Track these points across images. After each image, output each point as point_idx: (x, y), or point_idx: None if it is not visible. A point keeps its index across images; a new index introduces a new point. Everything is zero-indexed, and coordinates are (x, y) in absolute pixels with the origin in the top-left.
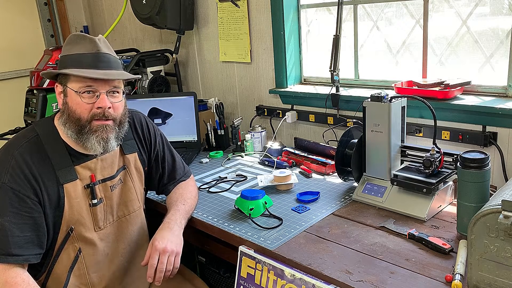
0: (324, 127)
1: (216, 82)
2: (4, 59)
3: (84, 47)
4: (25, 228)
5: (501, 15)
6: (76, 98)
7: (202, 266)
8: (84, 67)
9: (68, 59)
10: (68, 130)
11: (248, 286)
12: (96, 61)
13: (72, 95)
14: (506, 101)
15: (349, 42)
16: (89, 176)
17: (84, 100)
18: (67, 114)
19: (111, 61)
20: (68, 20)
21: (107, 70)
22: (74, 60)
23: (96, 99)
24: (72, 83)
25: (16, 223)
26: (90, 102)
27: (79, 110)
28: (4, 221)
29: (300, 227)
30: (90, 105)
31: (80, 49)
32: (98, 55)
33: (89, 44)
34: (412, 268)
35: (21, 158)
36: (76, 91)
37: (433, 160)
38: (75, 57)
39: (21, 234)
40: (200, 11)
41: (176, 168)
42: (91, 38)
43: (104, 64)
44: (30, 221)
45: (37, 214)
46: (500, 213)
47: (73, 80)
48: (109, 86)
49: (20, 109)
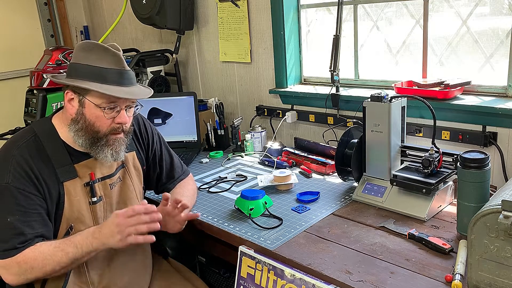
0: (324, 127)
1: (216, 82)
2: (4, 59)
3: (106, 61)
4: (34, 225)
5: (501, 15)
6: (96, 111)
7: (202, 266)
8: (108, 82)
9: (87, 69)
10: (80, 139)
11: (248, 286)
12: (120, 78)
13: (91, 108)
14: (506, 101)
15: (349, 42)
16: (88, 174)
17: (106, 116)
18: (83, 125)
19: (132, 78)
20: (68, 20)
21: (130, 88)
22: (97, 74)
23: (116, 114)
24: (93, 97)
25: (25, 221)
26: (111, 117)
27: (98, 123)
28: (13, 219)
29: (300, 227)
30: (110, 120)
31: (101, 61)
32: (123, 73)
33: (112, 57)
34: (412, 268)
35: (21, 158)
36: (97, 105)
37: (432, 160)
38: (98, 70)
39: (32, 231)
40: (200, 11)
41: (174, 167)
42: (114, 53)
43: (127, 82)
44: (39, 218)
45: (43, 210)
46: (500, 213)
47: (96, 95)
48: (128, 101)
49: (20, 109)
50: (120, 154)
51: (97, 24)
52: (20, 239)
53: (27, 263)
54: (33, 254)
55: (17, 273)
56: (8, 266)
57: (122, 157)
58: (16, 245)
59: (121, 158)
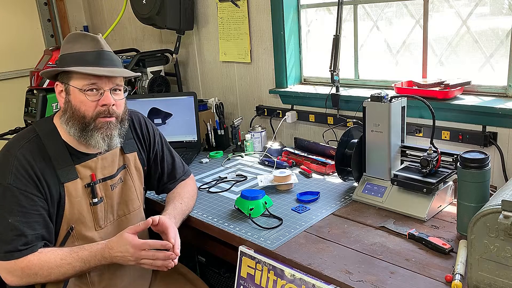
0: (324, 127)
1: (216, 82)
2: (4, 59)
3: (86, 45)
4: (35, 226)
5: (501, 15)
6: (80, 95)
7: (202, 266)
8: (87, 64)
9: (70, 57)
10: (71, 128)
11: (248, 286)
12: (99, 59)
13: (75, 93)
14: (506, 101)
15: (349, 42)
16: (89, 175)
17: (88, 98)
18: (70, 112)
19: (114, 59)
20: (68, 20)
21: (110, 68)
22: (77, 58)
23: (100, 97)
24: (75, 81)
25: (27, 222)
26: (95, 100)
27: (83, 107)
28: (14, 221)
29: (300, 227)
30: (95, 102)
31: (81, 47)
32: (101, 53)
33: (91, 42)
34: (412, 268)
35: (23, 158)
36: (80, 88)
37: (430, 159)
38: (78, 55)
39: (33, 232)
40: (200, 11)
41: (176, 167)
42: (93, 36)
43: (107, 62)
44: (40, 219)
45: (44, 212)
46: (500, 213)
47: (77, 78)
48: (112, 83)
49: (20, 109)
50: (113, 140)
51: (97, 24)
52: (22, 241)
53: (31, 270)
54: (39, 262)
55: (20, 276)
56: (11, 269)
57: (117, 143)
58: (18, 247)
59: (117, 144)
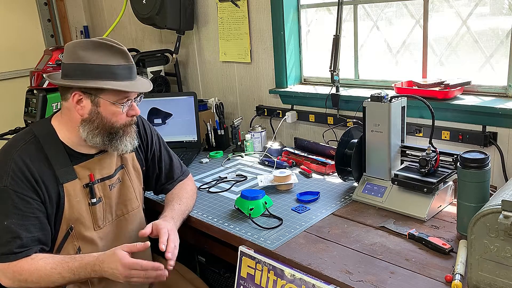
0: (324, 127)
1: (216, 82)
2: (4, 59)
3: (115, 58)
4: (31, 229)
5: (501, 15)
6: (111, 107)
7: (202, 266)
8: (120, 79)
9: (99, 68)
10: (96, 137)
11: (248, 286)
12: (130, 73)
13: (107, 105)
14: (506, 101)
15: (349, 42)
16: (88, 176)
17: (123, 110)
18: (99, 124)
19: (135, 70)
20: (68, 20)
21: (138, 81)
22: (109, 73)
23: (128, 108)
24: (108, 95)
25: (22, 225)
26: (126, 111)
27: (115, 119)
28: (10, 223)
29: (300, 227)
30: (125, 113)
31: (109, 59)
32: (131, 68)
33: (119, 54)
34: (412, 268)
35: (20, 160)
36: (113, 102)
37: (428, 159)
38: (109, 69)
39: (29, 235)
40: (200, 11)
41: (174, 167)
42: (121, 49)
43: (134, 75)
44: (36, 222)
45: (41, 214)
46: (500, 213)
47: (110, 92)
48: (136, 93)
49: (20, 109)
50: (134, 142)
51: (97, 24)
52: (17, 243)
53: (21, 275)
54: (29, 268)
55: (11, 279)
56: (5, 271)
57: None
58: (13, 249)
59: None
